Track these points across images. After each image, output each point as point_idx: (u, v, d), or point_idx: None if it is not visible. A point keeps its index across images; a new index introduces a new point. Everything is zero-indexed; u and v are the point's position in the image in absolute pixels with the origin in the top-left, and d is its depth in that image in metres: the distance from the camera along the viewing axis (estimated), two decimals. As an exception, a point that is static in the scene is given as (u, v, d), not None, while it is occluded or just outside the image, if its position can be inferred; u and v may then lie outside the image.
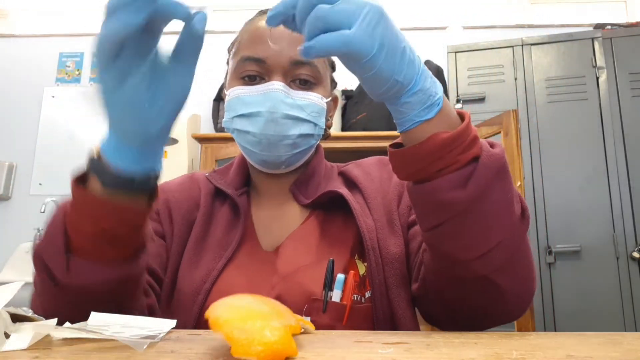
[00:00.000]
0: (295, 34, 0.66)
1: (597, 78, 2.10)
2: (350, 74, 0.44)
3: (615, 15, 2.94)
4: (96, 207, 0.45)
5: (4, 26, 3.20)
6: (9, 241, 2.60)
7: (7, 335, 0.38)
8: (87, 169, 0.46)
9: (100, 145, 0.45)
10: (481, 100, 2.21)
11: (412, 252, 0.65)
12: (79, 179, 0.46)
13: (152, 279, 0.63)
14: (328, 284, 0.59)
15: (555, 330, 1.92)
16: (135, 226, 0.47)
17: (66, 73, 2.86)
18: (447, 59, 2.28)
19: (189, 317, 0.59)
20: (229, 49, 0.73)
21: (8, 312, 0.41)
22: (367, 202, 0.68)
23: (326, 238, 0.66)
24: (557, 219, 2.02)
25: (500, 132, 1.85)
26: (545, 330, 1.92)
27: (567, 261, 1.99)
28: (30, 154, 2.75)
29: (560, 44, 2.19)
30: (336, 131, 2.27)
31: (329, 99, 0.71)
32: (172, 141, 2.53)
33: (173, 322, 0.44)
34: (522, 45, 2.22)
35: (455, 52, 2.30)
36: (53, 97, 2.82)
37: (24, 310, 0.44)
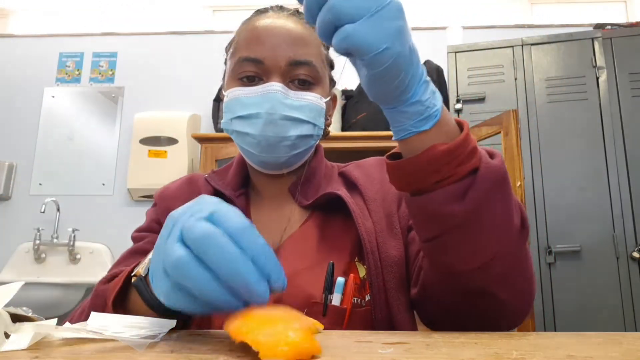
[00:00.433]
0: (292, 34, 0.67)
1: (597, 78, 2.10)
2: (350, 74, 0.43)
3: (615, 15, 2.94)
4: (140, 313, 0.46)
5: (4, 26, 3.20)
6: (9, 241, 2.60)
7: (7, 335, 0.38)
8: (131, 289, 0.48)
9: (150, 282, 0.43)
10: (481, 100, 2.21)
11: (411, 256, 0.64)
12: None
13: None
14: (328, 287, 0.59)
15: (555, 330, 1.92)
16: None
17: (66, 73, 2.86)
18: (447, 59, 2.28)
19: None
20: (227, 49, 0.72)
21: (8, 312, 0.41)
22: (367, 205, 0.67)
23: (326, 240, 0.65)
24: (557, 219, 2.02)
25: (500, 132, 1.85)
26: (545, 330, 1.92)
27: (567, 261, 1.99)
28: (30, 154, 2.75)
29: (560, 44, 2.19)
30: (336, 131, 2.27)
31: (328, 99, 0.70)
32: (172, 141, 2.53)
33: (173, 322, 0.44)
34: (522, 45, 2.21)
35: (455, 52, 2.29)
36: (53, 97, 2.82)
37: (24, 310, 0.44)
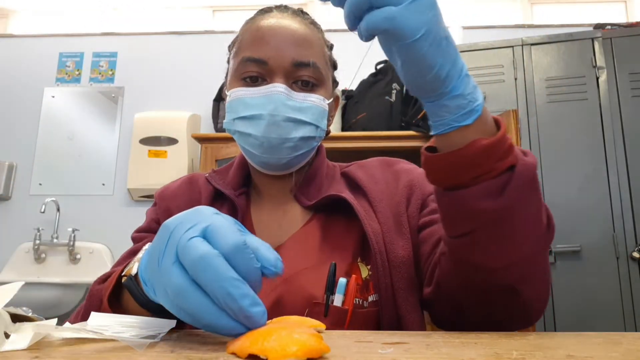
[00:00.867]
0: (296, 35, 0.67)
1: (597, 78, 2.10)
2: (350, 74, 0.43)
3: (615, 15, 2.94)
4: (135, 315, 0.46)
5: (4, 26, 3.20)
6: (9, 241, 2.60)
7: (7, 335, 0.38)
8: (124, 290, 0.48)
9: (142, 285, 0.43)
10: (481, 100, 2.21)
11: (424, 256, 0.63)
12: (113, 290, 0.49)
13: None
14: (330, 288, 0.59)
15: (555, 330, 1.92)
16: None
17: (66, 73, 2.86)
18: (447, 59, 2.27)
19: (190, 325, 0.59)
20: (230, 48, 0.72)
21: (8, 312, 0.41)
22: (373, 206, 0.67)
23: (328, 241, 0.65)
24: (557, 219, 1.98)
25: (500, 132, 1.84)
26: (545, 330, 1.92)
27: (567, 261, 1.99)
28: (30, 154, 2.74)
29: (560, 44, 2.18)
30: (336, 131, 2.26)
31: (331, 100, 0.70)
32: (172, 141, 2.53)
33: (173, 322, 0.44)
34: (522, 45, 2.21)
35: (455, 52, 2.29)
36: (53, 97, 2.82)
37: (24, 310, 0.44)
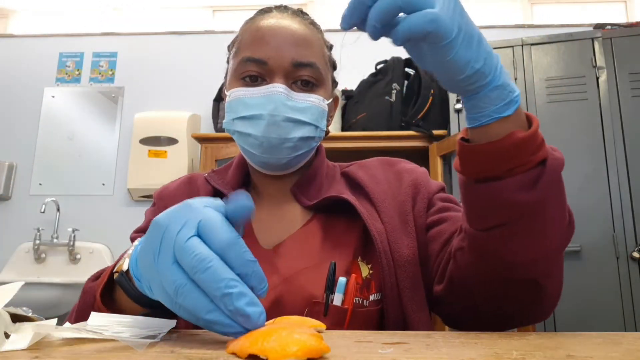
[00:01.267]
0: (296, 35, 0.67)
1: (597, 78, 2.10)
2: (350, 74, 0.43)
3: (615, 15, 2.94)
4: (128, 310, 0.46)
5: (4, 26, 3.20)
6: (9, 241, 2.60)
7: (7, 335, 0.38)
8: (116, 287, 0.48)
9: (133, 279, 0.44)
10: (481, 100, 2.21)
11: (433, 254, 0.64)
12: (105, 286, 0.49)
13: None
14: (329, 287, 0.59)
15: (555, 330, 1.92)
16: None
17: (66, 73, 2.86)
18: (447, 59, 2.27)
19: (188, 322, 0.59)
20: (229, 48, 0.72)
21: (8, 312, 0.41)
22: (375, 206, 0.67)
23: (328, 240, 0.65)
24: (557, 219, 2.01)
25: (500, 132, 1.84)
26: (545, 330, 1.92)
27: (567, 261, 1.97)
28: (30, 154, 2.74)
29: (560, 44, 2.18)
30: (336, 131, 2.26)
31: (330, 100, 0.70)
32: (172, 141, 2.53)
33: (173, 322, 0.44)
34: (522, 45, 2.21)
35: (455, 52, 2.30)
36: (53, 97, 2.82)
37: (24, 310, 0.44)
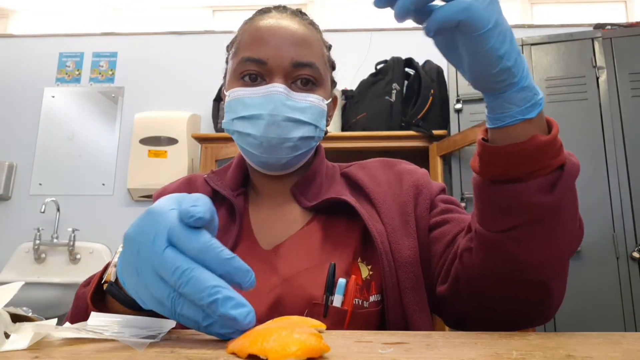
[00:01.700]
0: (295, 35, 0.67)
1: (597, 78, 2.10)
2: (350, 74, 0.43)
3: (615, 15, 2.94)
4: (122, 313, 0.46)
5: (4, 26, 3.20)
6: (9, 241, 2.60)
7: (7, 335, 0.38)
8: (106, 292, 0.47)
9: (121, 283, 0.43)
10: (481, 100, 2.20)
11: (436, 255, 0.64)
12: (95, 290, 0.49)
13: None
14: (329, 289, 0.59)
15: (555, 330, 1.92)
16: None
17: (66, 73, 2.86)
18: (447, 59, 2.28)
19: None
20: (228, 48, 0.72)
21: (8, 312, 0.41)
22: (376, 207, 0.67)
23: (328, 241, 0.65)
24: (557, 219, 2.01)
25: (500, 132, 1.84)
26: (545, 330, 1.92)
27: (567, 261, 1.99)
28: (30, 154, 2.74)
29: (560, 44, 2.18)
30: (336, 131, 2.26)
31: (329, 100, 0.70)
32: (172, 141, 2.53)
33: (173, 322, 0.44)
34: (522, 45, 2.21)
35: (455, 52, 2.30)
36: (53, 97, 2.82)
37: (24, 310, 0.44)
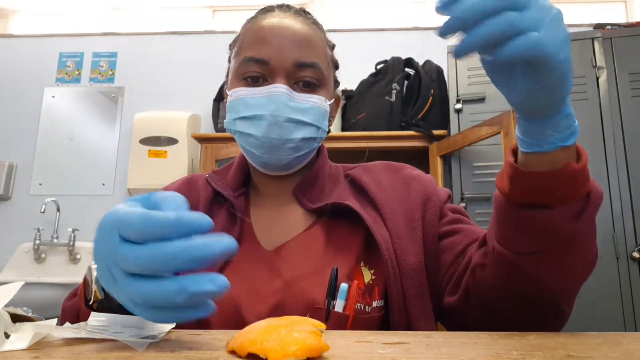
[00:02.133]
0: (299, 35, 0.66)
1: (597, 78, 2.10)
2: (350, 74, 0.42)
3: (615, 15, 2.94)
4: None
5: (4, 26, 3.20)
6: (9, 241, 2.60)
7: (7, 335, 0.38)
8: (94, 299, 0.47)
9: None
10: (481, 100, 2.20)
11: (445, 264, 0.64)
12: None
13: None
14: (331, 293, 0.58)
15: (555, 330, 1.92)
16: None
17: (66, 73, 2.86)
18: (447, 59, 2.27)
19: (189, 325, 0.58)
20: (231, 46, 0.71)
21: (8, 312, 0.41)
22: (381, 212, 0.66)
23: (331, 245, 0.64)
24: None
25: (500, 132, 1.84)
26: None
27: (567, 261, 1.99)
28: (30, 154, 2.74)
29: (560, 44, 2.19)
30: (336, 131, 2.26)
31: (332, 101, 0.69)
32: (172, 141, 2.53)
33: (172, 323, 0.44)
34: (522, 45, 2.22)
35: (455, 52, 2.30)
36: (53, 97, 2.82)
37: (24, 310, 0.44)
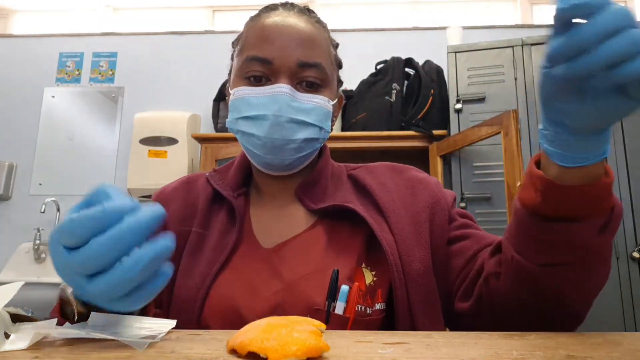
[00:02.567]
0: (302, 34, 0.66)
1: (597, 78, 2.10)
2: (350, 74, 0.42)
3: (615, 15, 2.93)
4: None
5: (4, 26, 3.20)
6: (9, 241, 2.60)
7: (7, 335, 0.38)
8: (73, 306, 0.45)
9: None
10: (481, 100, 2.20)
11: (455, 269, 0.63)
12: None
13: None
14: (331, 295, 0.58)
15: (555, 330, 1.92)
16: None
17: (66, 73, 2.86)
18: (447, 59, 2.27)
19: (189, 326, 0.56)
20: (234, 44, 0.71)
21: (8, 312, 0.41)
22: (385, 216, 0.65)
23: (332, 246, 0.64)
24: (557, 219, 2.01)
25: (500, 132, 1.84)
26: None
27: (567, 261, 1.99)
28: (30, 154, 2.75)
29: (560, 44, 2.19)
30: (336, 131, 2.27)
31: (335, 101, 0.69)
32: (172, 141, 2.53)
33: (173, 322, 0.44)
34: (522, 45, 2.21)
35: (455, 52, 2.29)
36: (53, 97, 2.82)
37: (24, 310, 0.44)
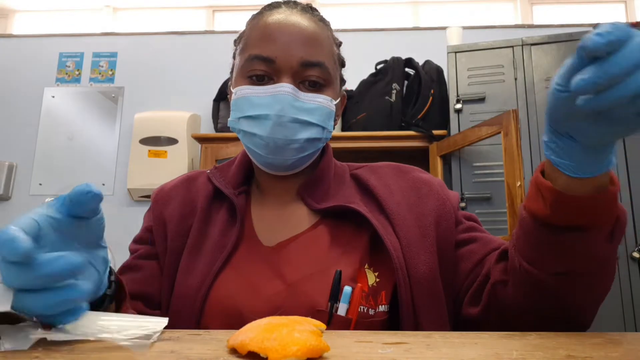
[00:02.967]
0: (305, 33, 0.65)
1: (597, 78, 2.10)
2: (350, 74, 0.42)
3: (615, 15, 2.94)
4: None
5: (4, 26, 3.20)
6: (9, 241, 2.60)
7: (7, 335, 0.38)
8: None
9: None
10: (481, 100, 2.20)
11: (463, 273, 0.63)
12: None
13: (146, 305, 0.63)
14: (334, 296, 0.57)
15: (555, 330, 1.92)
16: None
17: (66, 73, 2.86)
18: (447, 59, 2.27)
19: (189, 326, 0.57)
20: (236, 42, 0.70)
21: (8, 312, 0.41)
22: (390, 218, 0.64)
23: (335, 246, 0.63)
24: (557, 219, 2.01)
25: (500, 132, 1.84)
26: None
27: (567, 261, 1.98)
28: (30, 154, 2.74)
29: (560, 44, 2.18)
30: (336, 131, 2.26)
31: (338, 100, 0.68)
32: (172, 141, 2.53)
33: (165, 320, 0.43)
34: (522, 45, 2.21)
35: (455, 52, 2.29)
36: (53, 97, 2.82)
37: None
